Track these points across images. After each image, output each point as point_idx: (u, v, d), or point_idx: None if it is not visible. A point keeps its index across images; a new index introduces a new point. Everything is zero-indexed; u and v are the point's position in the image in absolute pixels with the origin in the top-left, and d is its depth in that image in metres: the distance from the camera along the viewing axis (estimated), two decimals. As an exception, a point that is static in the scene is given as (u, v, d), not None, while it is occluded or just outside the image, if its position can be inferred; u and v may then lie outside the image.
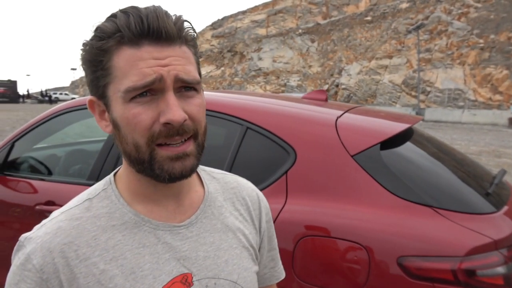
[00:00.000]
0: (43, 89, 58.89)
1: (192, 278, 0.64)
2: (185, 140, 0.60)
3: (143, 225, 0.63)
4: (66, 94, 51.96)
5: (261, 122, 1.67)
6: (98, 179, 1.95)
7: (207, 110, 1.86)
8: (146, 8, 0.58)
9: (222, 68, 39.17)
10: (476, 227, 1.30)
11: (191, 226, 0.67)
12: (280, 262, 0.89)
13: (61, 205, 2.07)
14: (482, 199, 1.45)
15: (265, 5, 48.98)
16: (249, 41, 40.83)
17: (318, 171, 1.52)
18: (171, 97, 0.58)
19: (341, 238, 1.36)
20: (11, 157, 2.40)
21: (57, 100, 48.98)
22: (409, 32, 25.30)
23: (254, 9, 49.85)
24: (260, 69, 35.47)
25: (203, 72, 39.79)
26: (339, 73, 29.16)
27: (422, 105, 22.33)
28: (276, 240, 0.86)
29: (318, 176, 1.51)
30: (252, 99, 1.93)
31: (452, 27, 23.96)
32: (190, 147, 0.61)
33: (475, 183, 1.63)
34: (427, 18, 26.11)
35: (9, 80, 52.95)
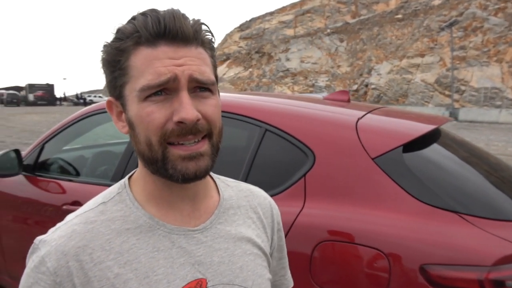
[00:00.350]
0: (78, 92, 61.27)
1: (207, 284, 0.63)
2: (198, 140, 0.60)
3: (158, 229, 0.63)
4: (100, 96, 53.75)
5: (279, 124, 1.65)
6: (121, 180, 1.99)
7: (226, 112, 1.84)
8: (164, 11, 0.59)
9: (250, 69, 39.31)
10: (506, 235, 1.23)
11: (206, 231, 0.66)
12: (289, 269, 0.88)
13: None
14: (508, 205, 1.36)
15: (292, 5, 48.78)
16: (276, 42, 40.78)
17: (337, 174, 1.48)
18: (184, 96, 0.58)
19: (360, 243, 1.31)
20: (41, 158, 2.50)
21: (91, 102, 50.72)
22: (442, 29, 24.45)
23: (282, 9, 49.74)
24: (288, 69, 35.34)
25: (231, 73, 40.11)
26: (369, 72, 28.60)
27: (456, 105, 21.53)
28: (286, 249, 0.85)
29: (337, 179, 1.47)
30: (271, 101, 1.91)
31: (488, 23, 22.99)
32: (204, 146, 0.60)
33: (507, 188, 1.54)
34: (461, 14, 25.18)
35: (47, 84, 55.36)
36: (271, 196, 1.52)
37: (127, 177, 0.70)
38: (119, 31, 0.60)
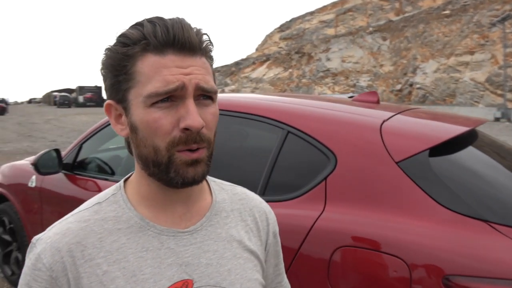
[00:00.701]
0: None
1: (193, 284, 0.64)
2: (199, 148, 0.62)
3: (148, 230, 0.64)
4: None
5: (301, 126, 1.62)
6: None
7: (250, 114, 1.84)
8: (171, 19, 0.60)
9: (290, 70, 39.15)
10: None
11: (196, 233, 0.67)
12: (285, 275, 0.87)
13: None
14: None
15: (333, 4, 48.01)
16: (317, 41, 40.31)
17: (359, 178, 1.43)
18: (191, 104, 0.60)
19: (380, 250, 1.27)
20: (79, 158, 2.63)
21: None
22: (494, 24, 23.04)
23: (323, 9, 49.10)
24: (328, 69, 34.81)
25: (270, 74, 40.14)
26: (414, 71, 27.55)
27: (509, 105, 20.19)
28: (282, 254, 0.84)
29: (359, 183, 1.42)
30: (294, 102, 1.89)
31: (546, 17, 21.38)
32: (203, 154, 0.63)
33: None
34: (515, 8, 23.63)
35: (95, 86, 58.20)
36: (291, 199, 1.52)
37: (123, 179, 0.71)
38: (124, 36, 0.61)
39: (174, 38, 0.59)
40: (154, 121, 0.59)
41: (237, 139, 2.00)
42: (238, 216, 0.74)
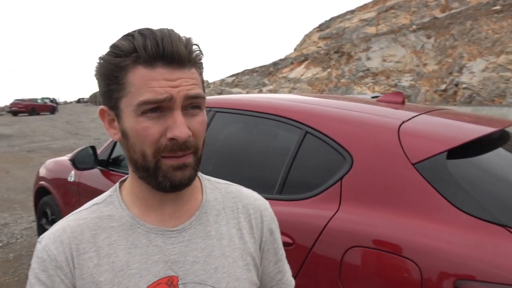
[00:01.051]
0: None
1: (178, 281, 0.67)
2: (185, 154, 0.66)
3: (138, 228, 0.69)
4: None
5: (319, 126, 1.63)
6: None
7: (269, 114, 1.87)
8: (161, 31, 0.63)
9: (329, 70, 38.63)
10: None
11: (184, 231, 0.70)
12: (289, 273, 0.87)
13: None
14: None
15: (375, 2, 46.77)
16: (357, 41, 39.46)
17: (375, 179, 1.42)
18: (178, 115, 0.63)
19: (392, 252, 1.25)
20: (113, 155, 2.77)
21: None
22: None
23: (363, 7, 47.99)
24: (368, 69, 33.98)
25: (309, 74, 39.77)
26: (460, 71, 26.28)
27: None
28: (283, 251, 0.85)
29: (375, 184, 1.42)
30: (313, 102, 1.90)
31: None
32: (189, 159, 0.66)
33: None
34: None
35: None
36: (307, 198, 1.53)
37: (119, 181, 0.76)
38: (116, 47, 0.63)
39: (164, 52, 0.61)
40: (143, 129, 0.63)
41: (258, 138, 2.03)
42: (230, 214, 0.76)
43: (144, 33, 0.63)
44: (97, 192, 3.04)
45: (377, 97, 2.38)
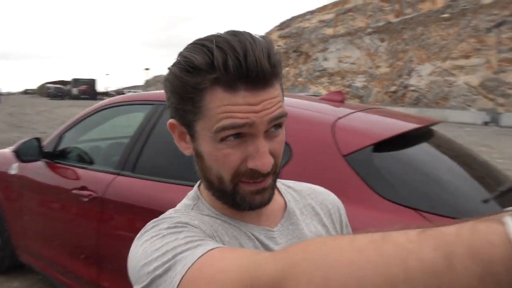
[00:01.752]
0: (118, 88, 63.24)
1: None
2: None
3: (240, 228, 0.65)
4: (139, 92, 55.51)
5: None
6: (123, 168, 2.14)
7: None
8: (241, 43, 0.54)
9: (287, 69, 39.25)
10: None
11: (280, 233, 0.68)
12: None
13: (92, 190, 2.26)
14: (475, 205, 1.37)
15: (334, 4, 48.09)
16: (315, 41, 40.42)
17: (310, 170, 1.54)
18: (261, 143, 0.57)
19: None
20: (60, 147, 2.71)
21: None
22: (490, 30, 23.21)
23: (323, 8, 49.18)
24: (325, 69, 34.95)
25: (268, 72, 40.11)
26: (409, 74, 27.71)
27: (501, 110, 20.40)
28: None
29: (310, 174, 1.53)
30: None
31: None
32: (269, 181, 0.62)
33: (477, 190, 1.54)
34: (512, 14, 23.78)
35: (90, 79, 57.46)
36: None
37: (197, 189, 0.70)
38: (191, 63, 0.55)
39: (248, 72, 0.53)
40: (223, 156, 0.58)
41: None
42: (311, 211, 0.74)
43: (223, 48, 0.53)
44: (41, 185, 2.93)
45: (319, 95, 2.53)
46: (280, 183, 0.76)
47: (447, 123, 15.09)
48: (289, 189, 0.76)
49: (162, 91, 0.72)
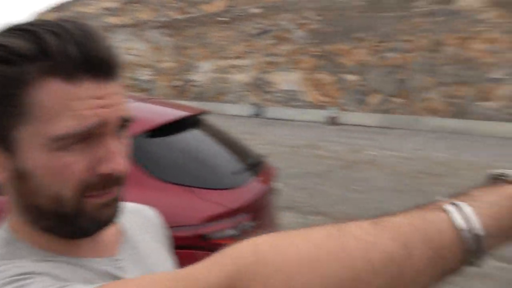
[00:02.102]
0: None
1: None
2: None
3: (85, 266, 0.52)
4: None
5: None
6: None
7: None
8: (76, 27, 0.44)
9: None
10: (217, 200, 1.59)
11: (126, 260, 0.58)
12: None
13: None
14: (228, 178, 1.77)
15: (117, -8, 46.09)
16: (100, 29, 37.81)
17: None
18: (113, 143, 0.47)
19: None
20: None
21: None
22: (257, 36, 27.31)
23: (105, -5, 46.42)
24: (110, 59, 33.28)
25: (42, 58, 35.26)
26: (192, 70, 29.60)
27: (266, 104, 24.45)
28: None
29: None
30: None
31: (293, 36, 26.79)
32: (117, 191, 0.51)
33: (231, 165, 1.97)
34: (274, 25, 28.54)
35: None
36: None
37: (7, 229, 0.52)
38: (9, 49, 0.43)
39: (91, 59, 0.44)
40: (64, 167, 0.45)
41: None
42: (144, 230, 0.67)
43: (55, 31, 0.43)
44: None
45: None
46: None
47: (224, 115, 17.16)
48: None
49: None
